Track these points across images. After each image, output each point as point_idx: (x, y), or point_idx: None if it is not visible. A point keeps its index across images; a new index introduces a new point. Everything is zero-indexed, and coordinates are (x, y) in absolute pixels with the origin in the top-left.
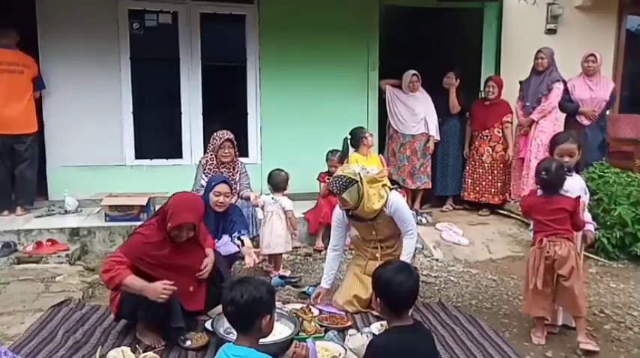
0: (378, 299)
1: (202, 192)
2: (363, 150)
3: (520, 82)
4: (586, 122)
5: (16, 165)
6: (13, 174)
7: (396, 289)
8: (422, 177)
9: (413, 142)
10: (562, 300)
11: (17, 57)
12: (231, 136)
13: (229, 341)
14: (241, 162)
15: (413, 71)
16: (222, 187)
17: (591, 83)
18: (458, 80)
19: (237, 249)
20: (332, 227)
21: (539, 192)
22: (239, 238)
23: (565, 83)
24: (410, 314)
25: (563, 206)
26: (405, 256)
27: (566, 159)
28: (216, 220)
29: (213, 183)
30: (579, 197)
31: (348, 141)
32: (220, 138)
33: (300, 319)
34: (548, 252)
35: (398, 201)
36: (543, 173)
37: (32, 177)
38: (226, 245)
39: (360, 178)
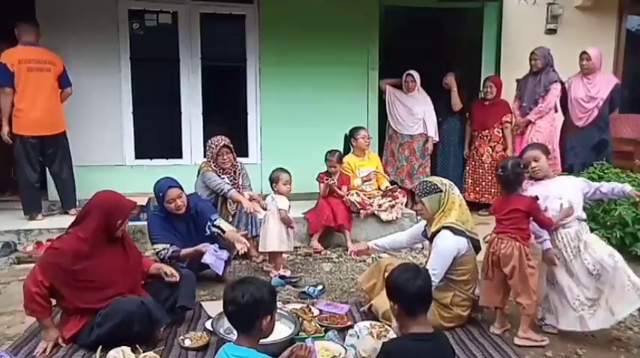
0: (393, 305)
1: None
2: (356, 151)
3: (517, 81)
4: (579, 123)
5: (50, 167)
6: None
7: (404, 287)
8: (421, 178)
9: (411, 143)
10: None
11: (43, 54)
12: (227, 141)
13: (229, 341)
14: (240, 163)
15: (408, 71)
16: (172, 192)
17: (588, 82)
18: (453, 80)
19: (226, 258)
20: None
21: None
22: (214, 225)
23: (562, 83)
24: None
25: (517, 206)
26: None
27: (533, 164)
28: (184, 223)
29: (161, 194)
30: (536, 197)
31: (349, 138)
32: (217, 146)
33: (300, 319)
34: (493, 248)
35: (444, 238)
36: (500, 170)
37: (69, 177)
38: (214, 259)
39: (447, 190)
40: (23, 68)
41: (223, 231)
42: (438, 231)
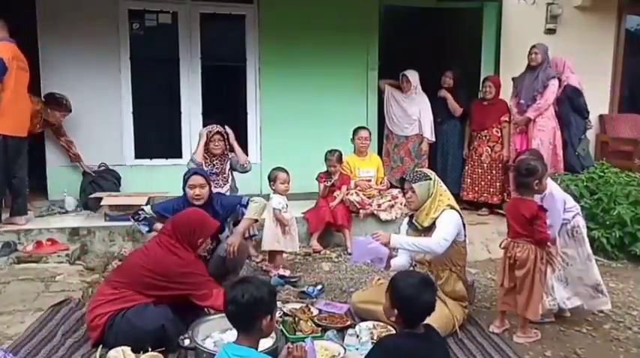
0: (393, 309)
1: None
2: (356, 151)
3: (513, 79)
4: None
5: (17, 172)
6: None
7: (415, 304)
8: None
9: (406, 143)
10: (519, 297)
11: (21, 53)
12: (222, 129)
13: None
14: (234, 155)
15: (403, 72)
16: (196, 179)
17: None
18: (452, 81)
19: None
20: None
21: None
22: (243, 205)
23: (559, 80)
24: None
25: (523, 212)
26: (410, 242)
27: None
28: None
29: (186, 176)
30: (542, 206)
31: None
32: (211, 131)
33: (297, 319)
34: (509, 253)
35: (449, 216)
36: (518, 171)
37: (25, 183)
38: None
39: (435, 179)
40: (14, 65)
41: (243, 215)
42: (442, 213)
